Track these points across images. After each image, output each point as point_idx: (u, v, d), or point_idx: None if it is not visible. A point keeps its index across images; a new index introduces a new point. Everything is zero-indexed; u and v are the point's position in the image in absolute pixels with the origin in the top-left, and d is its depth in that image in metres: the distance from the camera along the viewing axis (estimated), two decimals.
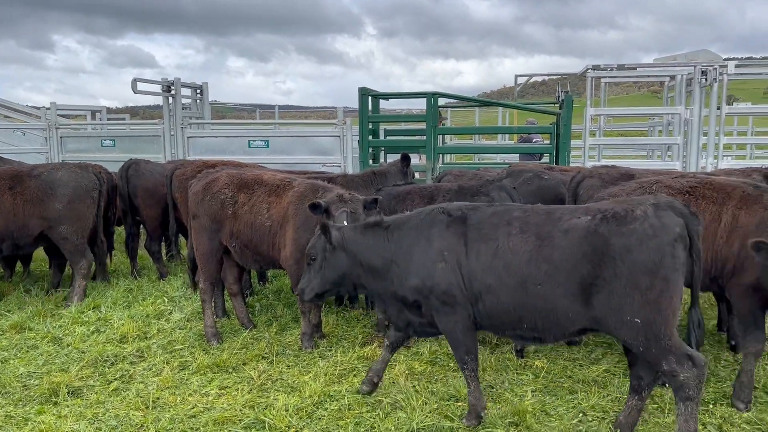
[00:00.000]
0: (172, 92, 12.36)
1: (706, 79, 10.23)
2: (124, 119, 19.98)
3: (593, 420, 4.34)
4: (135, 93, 11.83)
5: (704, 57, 11.38)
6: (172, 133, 12.26)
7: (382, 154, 11.40)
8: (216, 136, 12.64)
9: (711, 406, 4.58)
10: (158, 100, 12.62)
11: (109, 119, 18.03)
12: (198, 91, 14.02)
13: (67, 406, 4.66)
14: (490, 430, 4.23)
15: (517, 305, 3.94)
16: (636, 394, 4.08)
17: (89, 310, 6.94)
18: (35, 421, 4.42)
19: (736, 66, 10.38)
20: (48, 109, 15.46)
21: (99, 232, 7.68)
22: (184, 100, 13.19)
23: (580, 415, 4.41)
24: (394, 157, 11.66)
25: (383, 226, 4.47)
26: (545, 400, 4.64)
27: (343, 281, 4.60)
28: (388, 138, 11.93)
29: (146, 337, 6.17)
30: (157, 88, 12.37)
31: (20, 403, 4.78)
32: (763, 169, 6.85)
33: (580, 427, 4.23)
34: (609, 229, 3.71)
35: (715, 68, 10.12)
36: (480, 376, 5.08)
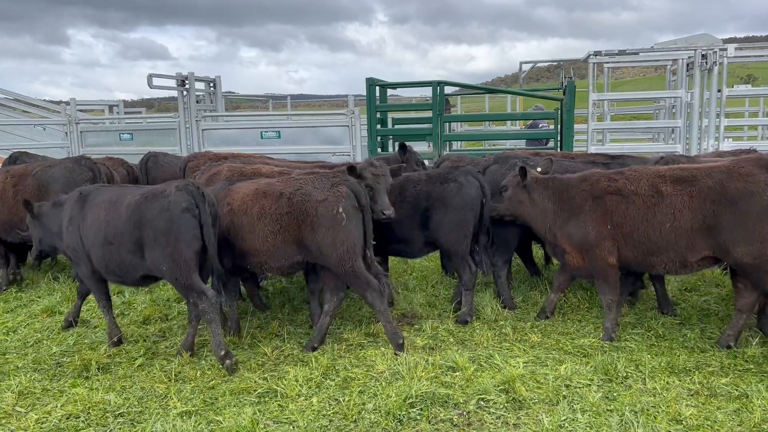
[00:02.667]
0: (187, 86, 12.76)
1: (706, 63, 10.40)
2: (140, 113, 20.49)
3: (577, 386, 4.69)
4: (151, 88, 12.25)
5: (704, 41, 11.53)
6: (187, 126, 12.69)
7: (390, 142, 11.75)
8: (229, 128, 13.05)
9: (693, 373, 4.91)
10: (173, 92, 13.03)
11: (125, 113, 18.53)
12: (211, 84, 14.41)
13: (98, 380, 5.11)
14: (483, 396, 4.59)
15: (106, 257, 5.44)
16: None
17: (113, 295, 7.35)
18: (69, 393, 4.87)
19: (736, 48, 10.53)
20: (67, 104, 15.98)
21: None
22: (197, 93, 13.60)
23: (566, 381, 4.76)
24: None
25: (60, 202, 5.92)
26: (535, 370, 5.00)
27: (43, 244, 6.17)
28: (396, 126, 12.27)
29: (167, 319, 6.62)
30: (172, 83, 12.78)
31: (55, 378, 5.23)
32: (751, 151, 7.09)
33: (564, 392, 4.59)
34: (146, 205, 5.23)
35: (715, 51, 10.27)
36: (476, 349, 5.50)
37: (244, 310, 6.82)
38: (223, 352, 5.20)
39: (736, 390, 4.64)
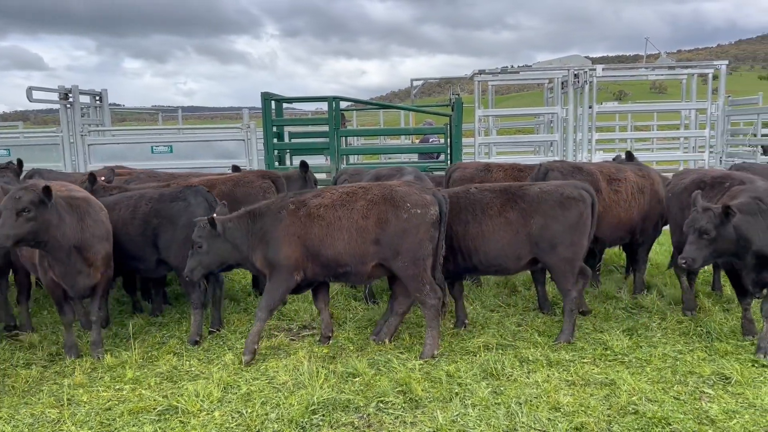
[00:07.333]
0: (71, 99, 12.19)
1: (578, 81, 11.37)
2: (17, 126, 19.21)
3: (468, 384, 5.03)
4: (31, 102, 11.60)
5: (576, 61, 12.63)
6: (71, 141, 12.11)
7: (287, 156, 11.83)
8: (117, 143, 12.55)
9: (570, 365, 5.39)
10: (51, 105, 12.36)
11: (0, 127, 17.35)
12: (97, 97, 13.83)
13: None
14: (382, 398, 4.82)
15: None
16: None
17: None
18: None
19: (604, 69, 11.59)
20: None
21: None
22: (81, 105, 12.99)
23: (458, 380, 5.09)
24: (299, 159, 12.15)
25: None
26: (430, 371, 5.30)
27: None
28: (293, 141, 12.36)
29: (55, 343, 6.33)
30: (54, 96, 12.17)
31: None
32: (616, 159, 7.88)
33: (456, 390, 4.92)
34: None
35: (586, 71, 11.28)
36: (375, 355, 5.72)
37: (139, 328, 6.67)
38: None
39: (606, 378, 5.15)
